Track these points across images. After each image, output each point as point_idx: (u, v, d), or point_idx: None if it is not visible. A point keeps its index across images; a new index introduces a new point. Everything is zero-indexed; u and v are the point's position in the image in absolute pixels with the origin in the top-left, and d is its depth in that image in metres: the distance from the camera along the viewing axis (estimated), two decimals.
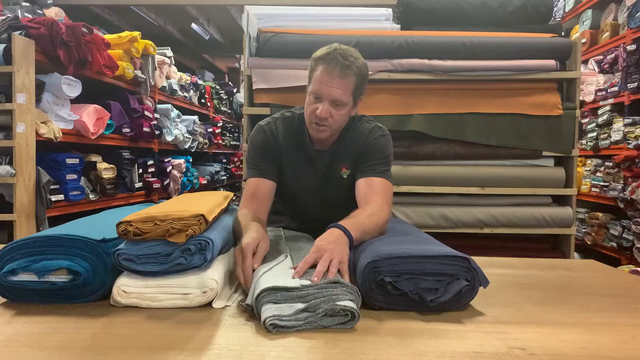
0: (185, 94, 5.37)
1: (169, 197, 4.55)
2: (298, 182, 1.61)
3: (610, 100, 3.96)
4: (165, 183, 4.53)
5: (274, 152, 1.57)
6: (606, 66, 4.17)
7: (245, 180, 1.64)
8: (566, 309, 1.09)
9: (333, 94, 1.42)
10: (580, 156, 3.93)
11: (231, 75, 12.12)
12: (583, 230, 4.30)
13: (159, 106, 4.49)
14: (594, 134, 4.21)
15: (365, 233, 1.27)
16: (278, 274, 1.05)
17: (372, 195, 1.45)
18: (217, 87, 6.86)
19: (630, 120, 3.62)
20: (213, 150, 6.43)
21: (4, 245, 1.04)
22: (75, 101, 3.26)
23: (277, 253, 1.23)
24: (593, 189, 4.17)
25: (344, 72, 1.41)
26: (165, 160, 4.65)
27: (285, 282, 0.96)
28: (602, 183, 4.04)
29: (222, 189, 6.71)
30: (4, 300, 1.05)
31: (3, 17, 2.97)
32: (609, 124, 4.02)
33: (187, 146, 5.20)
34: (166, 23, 8.27)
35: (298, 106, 1.66)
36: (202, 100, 5.99)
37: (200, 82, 5.92)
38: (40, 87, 2.96)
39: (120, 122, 3.72)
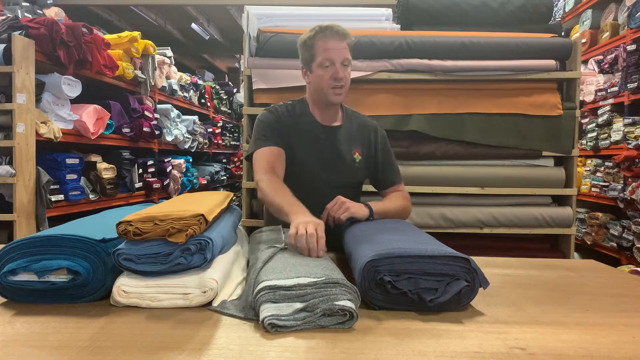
0: (185, 94, 5.37)
1: (169, 197, 4.55)
2: (306, 160, 1.71)
3: (610, 100, 3.95)
4: (165, 183, 4.53)
5: (281, 130, 1.71)
6: (606, 66, 4.17)
7: (248, 154, 1.76)
8: (566, 309, 1.09)
9: (343, 54, 1.63)
10: (580, 156, 3.93)
11: (231, 75, 12.12)
12: (583, 230, 4.30)
13: (159, 106, 4.49)
14: (594, 134, 4.21)
15: (387, 210, 1.62)
16: (276, 269, 1.04)
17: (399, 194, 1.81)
18: (217, 87, 6.86)
19: (630, 120, 3.62)
20: (213, 150, 6.44)
21: (4, 245, 1.04)
22: (75, 101, 3.25)
23: (277, 240, 1.27)
24: (593, 189, 4.17)
25: (342, 35, 1.64)
26: (165, 160, 4.65)
27: (284, 281, 0.96)
28: (602, 183, 4.03)
29: (222, 189, 6.71)
30: (4, 300, 1.05)
31: (3, 17, 2.97)
32: (608, 124, 4.02)
33: (187, 146, 5.20)
34: (166, 23, 8.27)
35: (294, 99, 1.83)
36: (202, 100, 5.99)
37: (200, 82, 5.92)
38: (40, 87, 2.96)
39: (120, 122, 3.72)
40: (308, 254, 1.16)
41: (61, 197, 3.11)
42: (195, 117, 5.48)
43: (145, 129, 4.04)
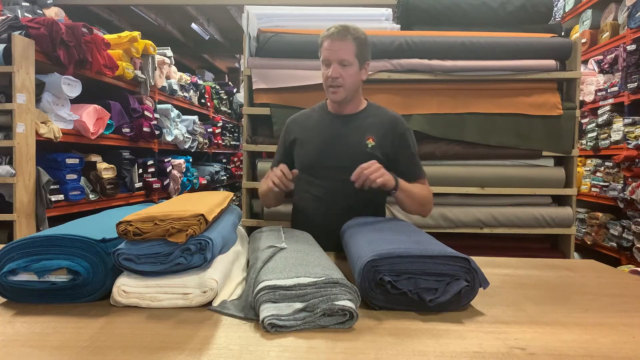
0: (185, 94, 5.37)
1: (169, 197, 4.55)
2: (314, 146, 1.81)
3: (610, 100, 3.95)
4: (165, 183, 4.53)
5: (286, 140, 1.89)
6: (606, 66, 4.17)
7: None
8: (566, 309, 1.09)
9: (338, 55, 1.70)
10: (580, 156, 3.93)
11: (231, 75, 12.12)
12: (583, 230, 4.30)
13: (159, 106, 4.49)
14: (594, 134, 4.21)
15: (411, 192, 1.69)
16: (276, 268, 1.04)
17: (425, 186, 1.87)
18: (217, 87, 6.85)
19: (630, 120, 3.62)
20: (213, 150, 6.43)
21: (4, 245, 1.04)
22: (75, 101, 3.25)
23: (277, 240, 1.27)
24: (593, 189, 4.17)
25: (342, 36, 1.70)
26: (165, 160, 4.65)
27: (284, 281, 0.96)
28: (602, 183, 4.03)
29: (222, 189, 6.71)
30: (4, 300, 1.05)
31: (3, 17, 2.97)
32: (608, 124, 4.02)
33: (187, 146, 5.20)
34: (166, 23, 8.26)
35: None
36: (202, 100, 5.99)
37: (200, 82, 5.91)
38: (40, 87, 2.96)
39: (120, 122, 3.72)
40: (278, 183, 1.60)
41: (61, 197, 3.11)
42: (195, 117, 5.47)
43: (145, 129, 4.04)
